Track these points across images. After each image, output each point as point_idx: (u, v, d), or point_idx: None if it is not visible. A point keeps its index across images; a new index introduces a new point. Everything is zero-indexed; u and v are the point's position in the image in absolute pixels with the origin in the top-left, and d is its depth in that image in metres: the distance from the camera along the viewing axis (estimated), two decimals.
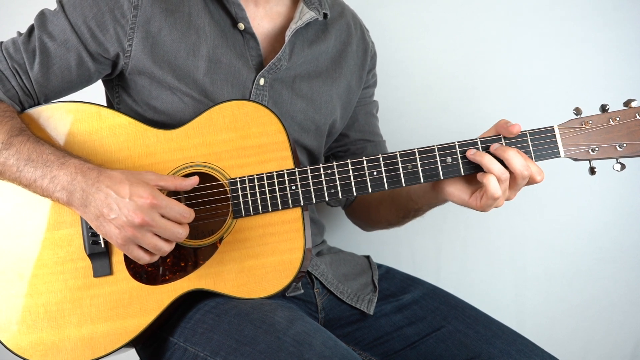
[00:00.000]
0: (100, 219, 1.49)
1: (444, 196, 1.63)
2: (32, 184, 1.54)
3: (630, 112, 1.53)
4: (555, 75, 2.29)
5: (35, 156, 1.53)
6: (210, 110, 1.62)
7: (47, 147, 1.55)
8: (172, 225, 1.49)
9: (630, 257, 2.32)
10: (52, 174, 1.51)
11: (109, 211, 1.47)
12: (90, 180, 1.50)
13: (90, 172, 1.51)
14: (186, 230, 1.51)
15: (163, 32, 1.65)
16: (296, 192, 1.59)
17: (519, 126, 1.54)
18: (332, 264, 1.87)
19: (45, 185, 1.52)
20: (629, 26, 2.25)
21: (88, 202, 1.50)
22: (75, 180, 1.50)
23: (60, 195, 1.52)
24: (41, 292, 1.59)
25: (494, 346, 1.67)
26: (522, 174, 1.51)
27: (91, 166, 1.52)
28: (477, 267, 2.36)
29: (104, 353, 1.58)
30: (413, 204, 1.78)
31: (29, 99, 1.66)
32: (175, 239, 1.50)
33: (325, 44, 1.83)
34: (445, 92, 2.31)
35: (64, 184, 1.51)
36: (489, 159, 1.52)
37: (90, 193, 1.49)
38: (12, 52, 1.64)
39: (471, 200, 1.58)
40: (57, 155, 1.53)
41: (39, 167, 1.52)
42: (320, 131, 1.84)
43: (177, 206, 1.50)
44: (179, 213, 1.49)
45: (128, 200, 1.47)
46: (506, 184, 1.52)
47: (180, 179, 1.55)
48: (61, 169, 1.51)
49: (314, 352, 1.43)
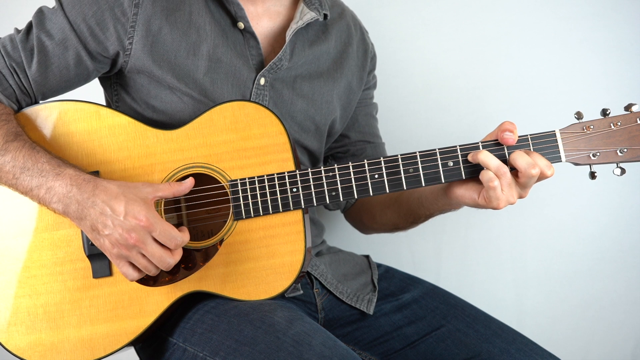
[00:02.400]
0: (95, 232, 1.49)
1: (457, 201, 1.62)
2: (28, 192, 1.53)
3: (631, 117, 1.53)
4: (555, 75, 2.29)
5: (30, 164, 1.52)
6: (211, 111, 1.62)
7: (43, 155, 1.53)
8: (162, 252, 1.48)
9: (630, 257, 2.32)
10: (47, 184, 1.51)
11: (104, 227, 1.47)
12: (85, 194, 1.49)
13: (85, 185, 1.49)
14: (175, 259, 1.50)
15: (163, 30, 1.65)
16: (297, 194, 1.59)
17: (513, 140, 1.52)
18: (332, 264, 1.86)
19: (41, 195, 1.52)
20: (629, 27, 2.24)
21: (83, 216, 1.49)
22: (71, 193, 1.49)
23: (56, 206, 1.51)
24: (40, 292, 1.59)
25: (494, 345, 1.68)
26: (527, 172, 1.49)
27: (86, 177, 1.51)
28: (478, 268, 2.37)
29: (103, 354, 1.58)
30: (424, 209, 1.77)
31: (26, 97, 1.65)
32: (163, 266, 1.49)
33: (325, 44, 1.83)
34: (445, 92, 2.31)
35: (60, 196, 1.50)
36: (486, 155, 1.51)
37: (86, 207, 1.48)
38: (10, 50, 1.63)
39: (480, 198, 1.57)
40: (52, 164, 1.52)
41: (35, 176, 1.51)
42: (320, 131, 1.84)
43: (171, 231, 1.48)
44: (171, 238, 1.48)
45: (122, 219, 1.46)
46: (506, 178, 1.51)
47: (176, 185, 1.54)
48: (56, 180, 1.50)
49: (314, 352, 1.43)
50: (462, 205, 1.65)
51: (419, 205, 1.78)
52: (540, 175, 1.52)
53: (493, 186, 1.50)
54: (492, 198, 1.52)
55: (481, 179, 1.51)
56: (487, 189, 1.51)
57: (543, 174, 1.52)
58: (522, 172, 1.50)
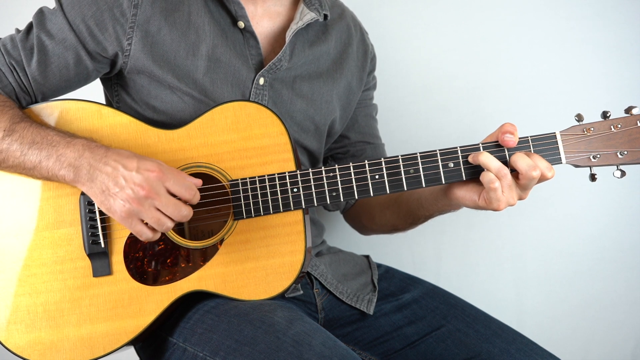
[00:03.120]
0: (106, 193, 1.48)
1: (457, 202, 1.62)
2: (36, 166, 1.53)
3: (631, 119, 1.53)
4: (555, 75, 2.29)
5: (39, 139, 1.53)
6: (212, 111, 1.62)
7: (52, 130, 1.55)
8: (176, 202, 1.48)
9: (630, 257, 2.32)
10: (58, 152, 1.51)
11: (115, 184, 1.47)
12: (98, 156, 1.50)
13: (98, 149, 1.51)
14: (190, 211, 1.50)
15: (163, 31, 1.65)
16: (298, 194, 1.59)
17: (513, 142, 1.53)
18: (332, 264, 1.87)
19: (50, 165, 1.51)
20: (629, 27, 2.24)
21: (95, 177, 1.49)
22: (83, 157, 1.50)
23: (66, 172, 1.51)
24: (40, 291, 1.59)
25: (494, 345, 1.68)
26: (528, 174, 1.50)
27: (98, 144, 1.53)
28: (478, 268, 2.37)
29: (102, 353, 1.58)
30: (424, 210, 1.77)
31: (26, 96, 1.65)
32: (178, 216, 1.49)
33: (325, 45, 1.83)
34: (445, 92, 2.31)
35: (71, 161, 1.50)
36: (486, 156, 1.51)
37: (98, 167, 1.49)
38: (10, 49, 1.63)
39: (480, 200, 1.57)
40: (63, 135, 1.54)
41: (44, 147, 1.52)
42: (319, 131, 1.84)
43: (183, 179, 1.50)
44: (185, 186, 1.49)
45: (135, 173, 1.47)
46: (507, 179, 1.51)
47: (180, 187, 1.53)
48: (68, 147, 1.51)
49: (313, 352, 1.43)
50: (462, 207, 1.65)
51: (418, 206, 1.78)
52: (541, 177, 1.52)
53: (494, 188, 1.50)
54: (493, 199, 1.52)
55: (482, 180, 1.51)
56: (488, 190, 1.51)
57: (543, 176, 1.52)
58: (523, 174, 1.50)
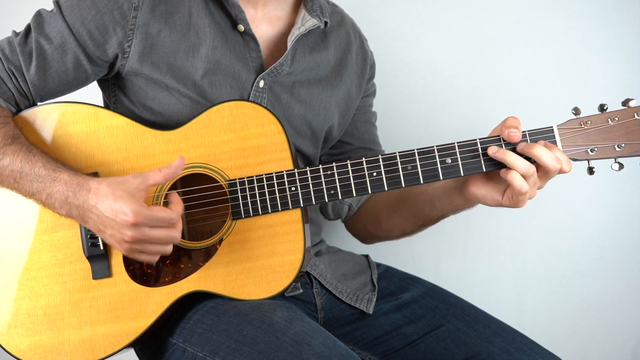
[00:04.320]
0: (102, 232, 1.51)
1: (475, 201, 1.62)
2: (32, 196, 1.55)
3: (628, 111, 1.53)
4: (555, 75, 2.29)
5: (28, 169, 1.53)
6: (209, 111, 1.62)
7: (39, 158, 1.54)
8: (164, 232, 1.48)
9: (630, 257, 2.32)
10: (46, 191, 1.52)
11: (105, 228, 1.48)
12: (80, 199, 1.50)
13: (79, 190, 1.50)
14: (179, 231, 1.50)
15: (163, 33, 1.65)
16: (296, 193, 1.59)
17: (518, 137, 1.52)
18: (331, 264, 1.86)
19: (44, 200, 1.54)
20: (629, 27, 2.24)
21: (86, 219, 1.51)
22: (69, 199, 1.51)
23: (60, 210, 1.53)
24: (40, 294, 1.59)
25: (493, 344, 1.68)
26: (554, 167, 1.50)
27: (79, 181, 1.51)
28: (478, 267, 2.36)
29: (103, 355, 1.58)
30: (437, 211, 1.75)
31: (25, 100, 1.65)
32: (171, 241, 1.50)
33: (325, 52, 1.82)
34: (445, 92, 2.31)
35: (61, 202, 1.52)
36: (513, 157, 1.51)
37: (85, 212, 1.50)
38: (8, 54, 1.63)
39: (504, 200, 1.56)
40: (48, 168, 1.53)
41: (34, 182, 1.53)
42: (316, 137, 1.84)
43: (161, 213, 1.47)
44: (164, 221, 1.47)
45: (115, 219, 1.46)
46: (534, 177, 1.51)
47: (165, 169, 1.49)
48: (53, 186, 1.52)
49: (313, 352, 1.43)
50: (477, 204, 1.65)
51: (430, 206, 1.76)
52: (559, 171, 1.52)
53: (524, 191, 1.50)
54: (521, 200, 1.53)
55: (510, 182, 1.51)
56: (517, 193, 1.51)
57: (562, 170, 1.52)
58: (548, 168, 1.50)
